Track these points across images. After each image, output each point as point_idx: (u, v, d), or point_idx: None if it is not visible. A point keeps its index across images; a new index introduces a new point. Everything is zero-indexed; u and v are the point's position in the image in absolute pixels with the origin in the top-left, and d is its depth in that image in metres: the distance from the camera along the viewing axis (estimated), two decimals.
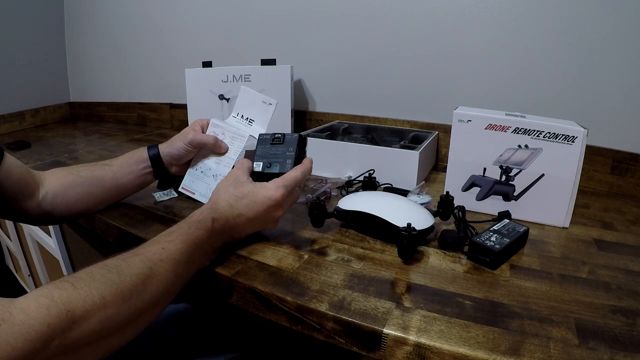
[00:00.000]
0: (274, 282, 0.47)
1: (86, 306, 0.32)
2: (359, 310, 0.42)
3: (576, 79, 0.85)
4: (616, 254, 0.55)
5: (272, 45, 1.20)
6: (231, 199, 0.50)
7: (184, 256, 0.42)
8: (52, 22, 1.55)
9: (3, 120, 1.40)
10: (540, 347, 0.36)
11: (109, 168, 0.62)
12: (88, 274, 0.35)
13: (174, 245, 0.42)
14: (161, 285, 0.39)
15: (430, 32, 0.98)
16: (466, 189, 0.68)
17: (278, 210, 0.52)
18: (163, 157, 0.64)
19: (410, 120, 1.05)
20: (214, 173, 0.66)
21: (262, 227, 0.54)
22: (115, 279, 0.35)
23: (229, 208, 0.50)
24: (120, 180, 0.63)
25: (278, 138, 0.58)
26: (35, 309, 0.30)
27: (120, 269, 0.36)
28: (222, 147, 0.65)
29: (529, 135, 0.61)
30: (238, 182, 0.52)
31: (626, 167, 0.81)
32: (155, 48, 1.42)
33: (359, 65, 1.09)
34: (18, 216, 0.58)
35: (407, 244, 0.49)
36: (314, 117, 1.18)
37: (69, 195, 0.59)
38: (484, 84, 0.94)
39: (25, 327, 0.29)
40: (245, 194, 0.51)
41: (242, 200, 0.50)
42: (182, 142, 0.63)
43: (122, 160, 0.64)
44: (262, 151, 0.58)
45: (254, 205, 0.50)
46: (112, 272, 0.36)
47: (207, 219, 0.47)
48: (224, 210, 0.49)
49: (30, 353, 0.29)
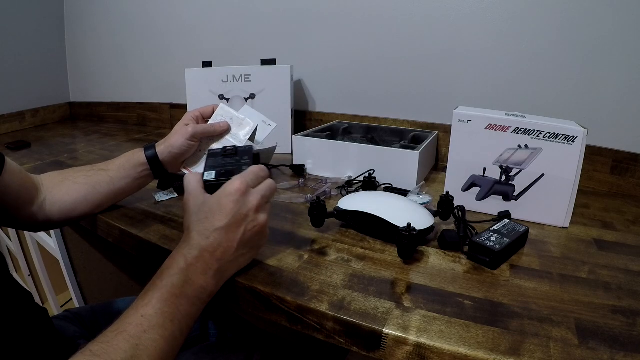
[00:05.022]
0: (274, 282, 0.47)
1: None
2: (359, 310, 0.42)
3: (576, 79, 0.85)
4: (616, 254, 0.55)
5: (272, 45, 1.20)
6: (198, 225, 0.43)
7: (167, 316, 0.37)
8: (52, 22, 1.55)
9: (3, 120, 1.40)
10: (540, 347, 0.36)
11: (105, 173, 0.61)
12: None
13: (152, 309, 0.37)
14: (153, 355, 0.35)
15: (430, 32, 0.98)
16: (466, 189, 0.68)
17: (247, 199, 0.44)
18: (161, 157, 0.62)
19: (410, 120, 1.05)
20: None
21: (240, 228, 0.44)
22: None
23: (198, 235, 0.42)
24: (118, 185, 0.62)
25: (231, 150, 0.55)
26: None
27: (107, 356, 0.33)
28: (223, 125, 0.64)
29: (529, 135, 0.61)
30: (195, 205, 0.45)
31: (626, 167, 0.81)
32: (155, 48, 1.42)
33: (359, 65, 1.09)
34: (22, 224, 0.57)
35: (407, 244, 0.49)
36: (314, 117, 1.18)
37: (66, 203, 0.58)
38: (484, 84, 0.94)
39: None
40: (207, 208, 0.44)
41: (206, 216, 0.43)
42: (183, 138, 0.61)
43: (119, 164, 0.62)
44: (213, 163, 0.53)
45: (220, 211, 0.43)
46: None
47: (178, 260, 0.41)
48: (195, 242, 0.42)
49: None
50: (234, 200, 0.43)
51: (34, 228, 0.60)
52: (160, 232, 0.60)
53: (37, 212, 0.56)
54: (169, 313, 0.38)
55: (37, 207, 0.56)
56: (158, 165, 0.62)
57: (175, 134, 0.62)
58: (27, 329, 0.44)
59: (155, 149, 0.62)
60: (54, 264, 1.07)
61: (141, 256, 0.60)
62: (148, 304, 0.37)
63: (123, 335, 0.35)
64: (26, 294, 0.46)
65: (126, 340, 0.34)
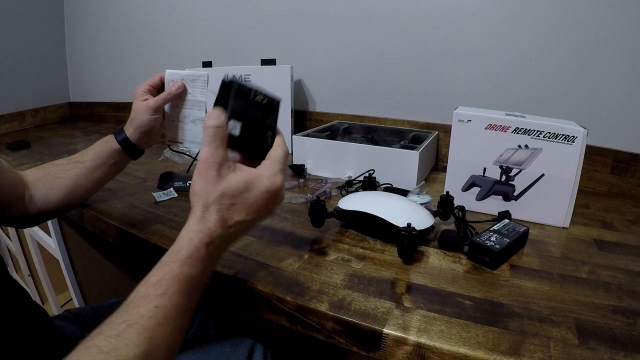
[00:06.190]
0: (274, 282, 0.47)
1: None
2: (359, 310, 0.42)
3: (576, 79, 0.85)
4: (616, 254, 0.55)
5: (272, 45, 1.20)
6: (222, 208, 0.39)
7: (183, 308, 0.35)
8: (52, 22, 1.55)
9: (3, 120, 1.40)
10: (540, 347, 0.36)
11: (82, 165, 0.63)
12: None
13: (169, 300, 0.34)
14: (166, 347, 0.34)
15: (430, 32, 0.98)
16: (466, 189, 0.68)
17: (279, 198, 0.43)
18: (133, 139, 0.64)
19: (410, 120, 1.05)
20: (191, 119, 0.69)
21: (262, 220, 0.44)
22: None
23: (221, 223, 0.39)
24: (95, 174, 0.63)
25: (260, 96, 0.44)
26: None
27: (117, 353, 0.30)
28: (178, 85, 0.67)
29: (529, 135, 0.61)
30: (220, 176, 0.39)
31: (626, 167, 0.81)
32: (155, 48, 1.42)
33: (359, 65, 1.09)
34: (11, 220, 0.59)
35: (407, 244, 0.49)
36: (314, 117, 1.18)
37: (49, 197, 0.60)
38: (484, 84, 0.94)
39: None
40: (238, 192, 0.39)
41: (234, 203, 0.39)
42: (147, 114, 0.63)
43: (93, 153, 0.64)
44: (240, 108, 0.42)
45: (253, 204, 0.40)
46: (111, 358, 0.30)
47: (200, 248, 0.37)
48: (217, 228, 0.39)
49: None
50: (268, 199, 0.41)
51: (22, 224, 0.61)
52: (160, 232, 0.60)
53: (26, 208, 0.58)
54: (185, 304, 0.36)
55: (26, 203, 0.58)
56: (132, 148, 0.65)
57: (139, 113, 0.64)
58: (24, 327, 0.44)
59: (125, 133, 0.64)
60: (54, 264, 1.07)
61: (141, 256, 0.60)
62: (164, 294, 0.34)
63: (135, 328, 0.32)
64: (23, 292, 0.46)
65: (138, 334, 0.32)
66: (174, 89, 0.67)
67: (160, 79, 0.68)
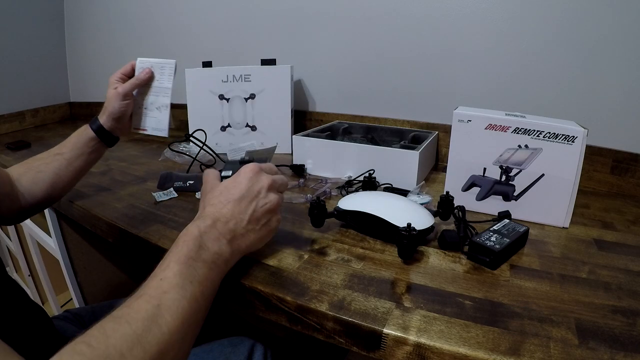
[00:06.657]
0: (274, 282, 0.47)
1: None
2: (359, 310, 0.42)
3: (576, 79, 0.85)
4: (616, 254, 0.55)
5: (272, 45, 1.20)
6: (212, 199, 0.47)
7: (185, 277, 0.38)
8: (52, 22, 1.55)
9: (3, 120, 1.40)
10: (540, 347, 0.36)
11: (61, 157, 0.65)
12: (100, 331, 0.32)
13: (170, 272, 0.38)
14: (176, 316, 0.36)
15: (430, 32, 0.98)
16: (466, 189, 0.68)
17: (260, 178, 0.48)
18: (107, 126, 0.68)
19: (410, 120, 1.05)
20: (156, 106, 0.73)
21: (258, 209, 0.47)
22: (127, 330, 0.33)
23: (212, 207, 0.46)
24: (75, 164, 0.66)
25: (247, 160, 0.54)
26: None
27: (129, 317, 0.34)
28: (146, 72, 0.71)
29: (529, 135, 0.61)
30: (212, 188, 0.49)
31: (626, 167, 0.81)
32: (155, 48, 1.42)
33: (359, 65, 1.09)
34: (3, 218, 0.60)
35: (407, 244, 0.49)
36: (314, 117, 1.18)
37: (33, 192, 0.62)
38: (484, 84, 0.94)
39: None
40: (222, 187, 0.48)
41: (221, 192, 0.47)
42: (117, 101, 0.67)
43: (71, 145, 0.67)
44: (231, 167, 0.54)
45: (234, 186, 0.47)
46: (122, 324, 0.33)
47: (192, 230, 0.42)
48: (208, 212, 0.45)
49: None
50: (247, 178, 0.47)
51: (9, 221, 0.63)
52: (160, 232, 0.60)
53: (12, 204, 0.59)
54: (187, 274, 0.38)
55: (12, 199, 0.59)
56: (107, 135, 0.69)
57: (110, 101, 0.68)
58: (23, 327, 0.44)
59: (99, 121, 0.68)
60: (54, 264, 1.07)
61: (141, 256, 0.60)
62: (166, 268, 0.38)
63: (144, 298, 0.36)
64: (21, 292, 0.46)
65: (146, 302, 0.35)
66: (142, 75, 0.71)
67: (132, 67, 0.72)
